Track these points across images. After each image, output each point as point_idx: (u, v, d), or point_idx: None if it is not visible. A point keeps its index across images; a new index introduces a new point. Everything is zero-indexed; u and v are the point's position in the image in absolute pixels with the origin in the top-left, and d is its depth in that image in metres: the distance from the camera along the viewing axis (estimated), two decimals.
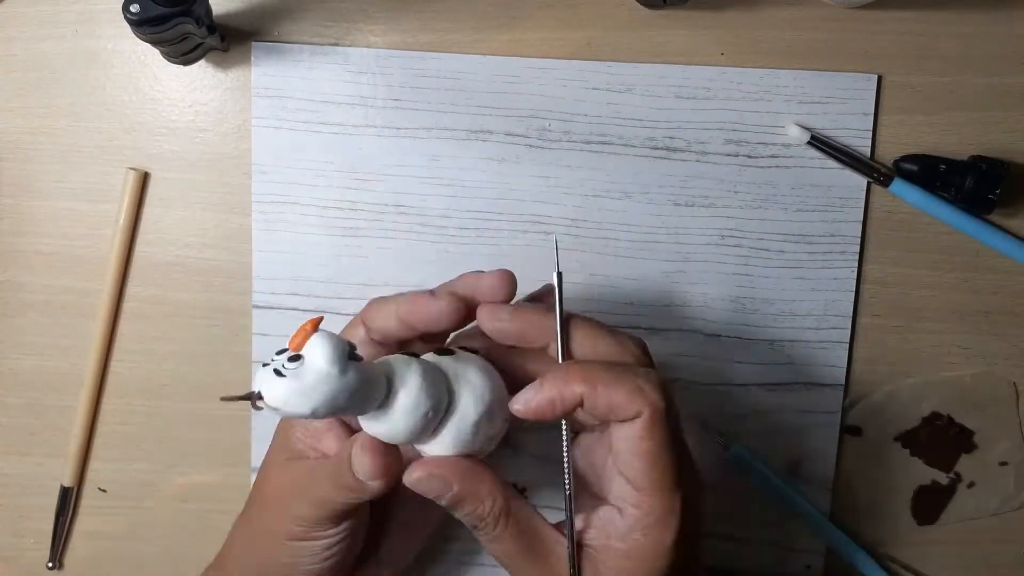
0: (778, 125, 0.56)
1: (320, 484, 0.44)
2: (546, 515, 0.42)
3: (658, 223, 0.56)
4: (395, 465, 0.41)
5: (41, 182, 0.55)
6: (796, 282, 0.57)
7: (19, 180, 0.55)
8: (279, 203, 0.56)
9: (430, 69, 0.55)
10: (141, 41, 0.50)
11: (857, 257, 0.57)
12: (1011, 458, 0.59)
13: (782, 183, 0.56)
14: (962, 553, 0.60)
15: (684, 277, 0.57)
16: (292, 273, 0.56)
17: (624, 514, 0.41)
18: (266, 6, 0.55)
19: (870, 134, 0.56)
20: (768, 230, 0.57)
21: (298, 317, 0.56)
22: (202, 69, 0.55)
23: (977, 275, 0.58)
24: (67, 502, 0.57)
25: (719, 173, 0.56)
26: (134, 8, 0.46)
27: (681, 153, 0.56)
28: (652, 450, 0.40)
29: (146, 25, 0.47)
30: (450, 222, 0.56)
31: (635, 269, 0.57)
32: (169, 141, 0.56)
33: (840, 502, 0.59)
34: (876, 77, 0.56)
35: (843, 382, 0.58)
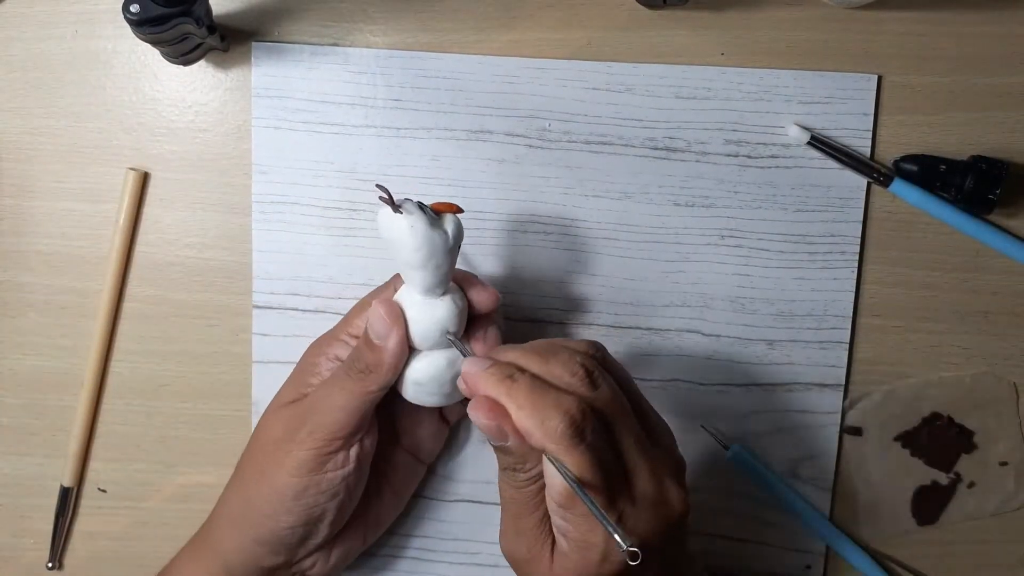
0: (778, 125, 0.56)
1: (333, 395, 0.47)
2: None
3: (658, 223, 0.56)
4: (402, 320, 0.46)
5: (41, 182, 0.56)
6: (796, 282, 0.57)
7: (19, 180, 0.56)
8: (279, 203, 0.56)
9: (430, 69, 0.55)
10: (141, 41, 0.50)
11: (857, 257, 0.57)
12: (1011, 458, 0.59)
13: (782, 183, 0.56)
14: (962, 553, 0.60)
15: (684, 277, 0.57)
16: (292, 273, 0.56)
17: (560, 519, 0.43)
18: (266, 6, 0.55)
19: (870, 134, 0.56)
20: (768, 230, 0.57)
21: (298, 317, 0.56)
22: (202, 69, 0.55)
23: (977, 275, 0.58)
24: (67, 502, 0.57)
25: (719, 173, 0.56)
26: (134, 8, 0.46)
27: (681, 153, 0.56)
28: (559, 486, 0.42)
29: (146, 25, 0.47)
30: None
31: (635, 269, 0.57)
32: (169, 141, 0.56)
33: (840, 502, 0.59)
34: (876, 77, 0.56)
35: (843, 382, 0.58)
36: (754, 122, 0.56)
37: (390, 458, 0.53)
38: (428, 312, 0.47)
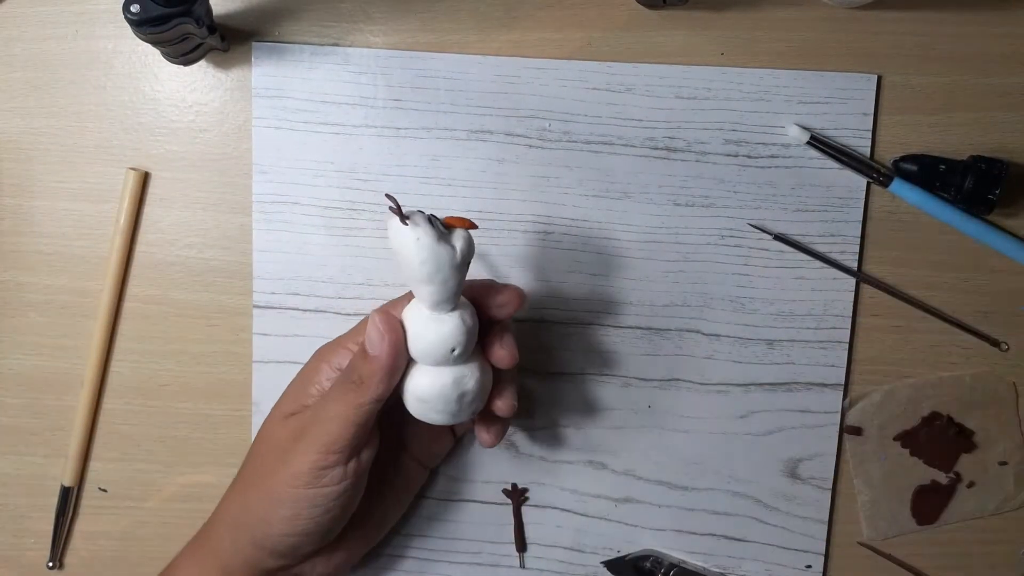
0: (778, 125, 0.56)
1: (329, 407, 0.46)
2: (547, 515, 0.42)
3: (658, 223, 0.56)
4: (398, 330, 0.46)
5: (42, 182, 0.56)
6: (796, 282, 0.57)
7: (20, 180, 0.56)
8: (279, 203, 0.56)
9: (430, 69, 0.55)
10: (141, 41, 0.50)
11: (857, 257, 0.57)
12: (1011, 458, 0.59)
13: (782, 183, 0.56)
14: (962, 553, 0.60)
15: (684, 277, 0.57)
16: (292, 273, 0.56)
17: None
18: (266, 6, 0.55)
19: (870, 134, 0.56)
20: (768, 230, 0.57)
21: (298, 317, 0.56)
22: (202, 69, 0.55)
23: (977, 275, 0.58)
24: (67, 502, 0.57)
25: (719, 173, 0.56)
26: (134, 8, 0.46)
27: (681, 153, 0.56)
28: None
29: (146, 25, 0.47)
30: None
31: (635, 269, 0.57)
32: (169, 141, 0.56)
33: (840, 502, 0.59)
34: (876, 77, 0.56)
35: (843, 382, 0.58)
36: (754, 122, 0.56)
37: (395, 464, 0.53)
38: (434, 328, 0.46)
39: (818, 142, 0.55)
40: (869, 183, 0.56)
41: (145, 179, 0.56)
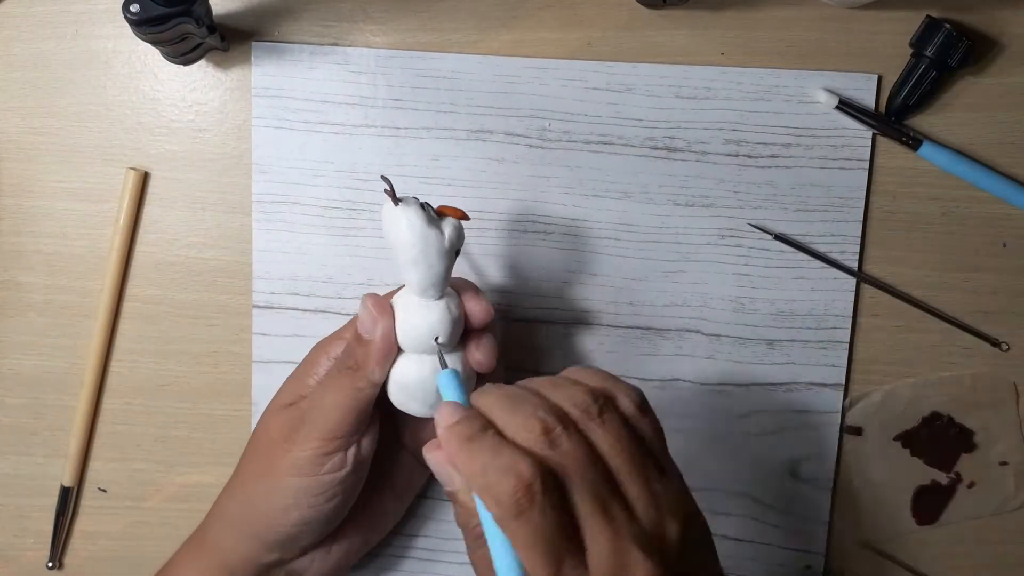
0: (779, 125, 0.56)
1: (327, 394, 0.47)
2: None
3: (658, 223, 0.56)
4: (389, 313, 0.46)
5: (41, 182, 0.56)
6: (796, 282, 0.57)
7: (19, 180, 0.56)
8: (279, 203, 0.56)
9: (430, 69, 0.55)
10: (141, 41, 0.50)
11: (857, 257, 0.57)
12: (1011, 458, 0.59)
13: (782, 183, 0.56)
14: (962, 553, 0.60)
15: (684, 277, 0.57)
16: (292, 273, 0.56)
17: None
18: (266, 6, 0.55)
19: (871, 133, 0.56)
20: (768, 229, 0.57)
21: (298, 317, 0.56)
22: (202, 69, 0.55)
23: (978, 275, 0.58)
24: (67, 502, 0.57)
25: (719, 173, 0.56)
26: (134, 8, 0.46)
27: (681, 153, 0.56)
28: (512, 539, 0.39)
29: (146, 25, 0.47)
30: None
31: (635, 269, 0.57)
32: (169, 141, 0.56)
33: (840, 502, 0.59)
34: (876, 77, 0.56)
35: (843, 382, 0.58)
36: (754, 122, 0.56)
37: (393, 458, 0.53)
38: (420, 314, 0.46)
39: (846, 106, 0.55)
40: (870, 183, 0.56)
41: (145, 179, 0.56)
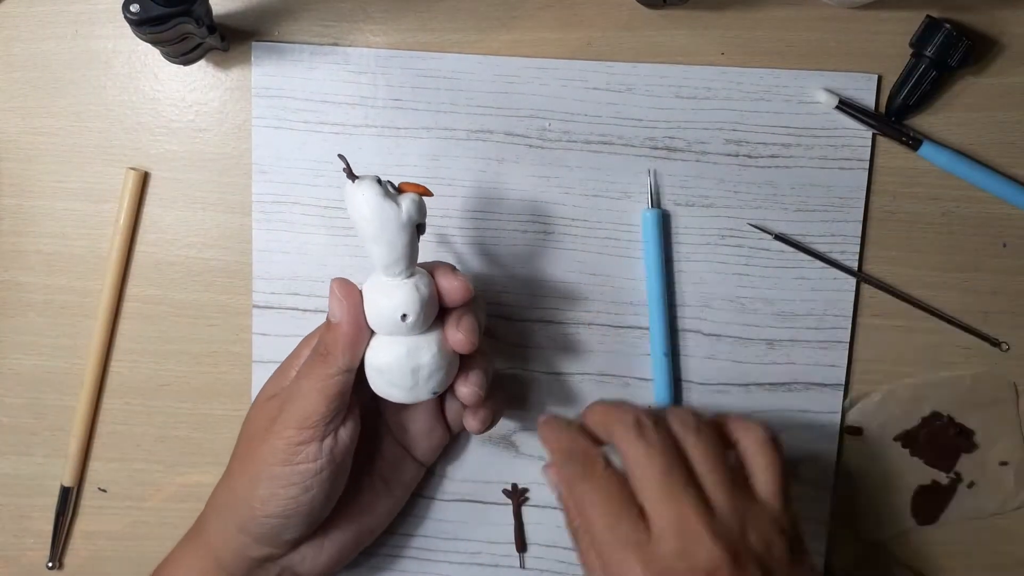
0: (779, 125, 0.56)
1: (302, 382, 0.47)
2: (547, 515, 0.42)
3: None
4: (355, 295, 0.47)
5: (41, 182, 0.56)
6: (796, 282, 0.57)
7: (19, 180, 0.56)
8: (279, 203, 0.56)
9: (430, 69, 0.55)
10: (141, 41, 0.50)
11: (857, 257, 0.57)
12: (1011, 458, 0.59)
13: (782, 183, 0.56)
14: (962, 553, 0.60)
15: (684, 277, 0.57)
16: (292, 273, 0.56)
17: None
18: (266, 6, 0.55)
19: (870, 133, 0.56)
20: (768, 229, 0.57)
21: (298, 317, 0.56)
22: (202, 69, 0.55)
23: (978, 275, 0.58)
24: (67, 502, 0.57)
25: (719, 173, 0.56)
26: (134, 8, 0.46)
27: (681, 153, 0.56)
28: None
29: (146, 25, 0.47)
30: (450, 222, 0.56)
31: (635, 269, 0.57)
32: (169, 141, 0.56)
33: (840, 502, 0.59)
34: (876, 77, 0.56)
35: (843, 382, 0.58)
36: (754, 122, 0.56)
37: (380, 451, 0.53)
38: (386, 293, 0.46)
39: (846, 106, 0.55)
40: (870, 182, 0.56)
41: (145, 179, 0.56)
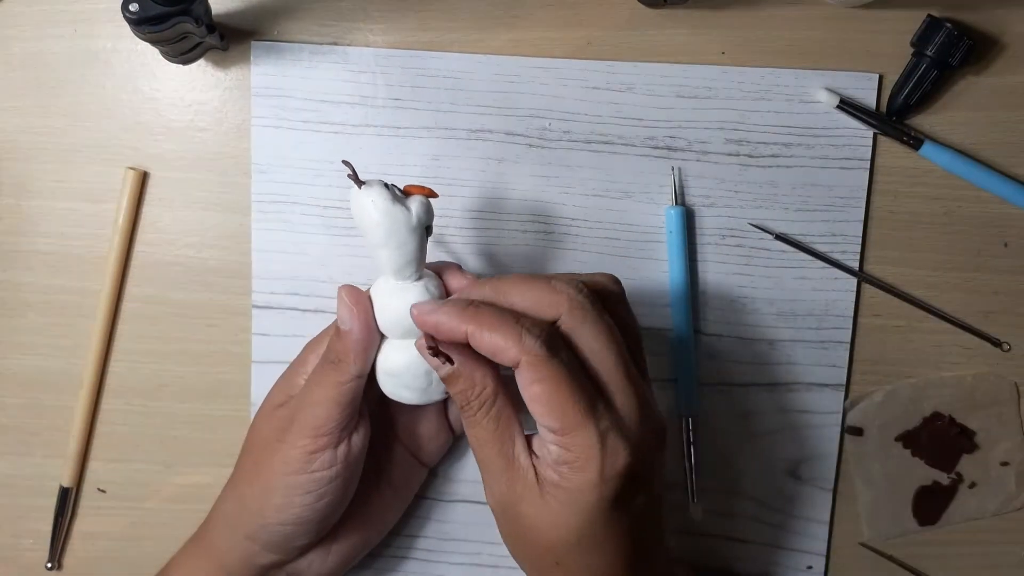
0: (779, 124, 0.56)
1: (313, 390, 0.47)
2: None
3: (658, 223, 0.56)
4: (365, 303, 0.46)
5: (40, 182, 0.55)
6: (797, 282, 0.57)
7: (18, 180, 0.55)
8: (279, 203, 0.56)
9: (430, 68, 0.55)
10: (140, 40, 0.50)
11: (858, 257, 0.57)
12: (1012, 458, 0.59)
13: (783, 183, 0.56)
14: (963, 554, 0.60)
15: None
16: (292, 273, 0.56)
17: (550, 448, 0.42)
18: (265, 5, 0.55)
19: (871, 132, 0.56)
20: (768, 229, 0.56)
21: (298, 317, 0.56)
22: (201, 68, 0.55)
23: (979, 275, 0.58)
24: (66, 502, 0.57)
25: (720, 173, 0.56)
26: (133, 7, 0.46)
27: (681, 153, 0.56)
28: (542, 395, 0.41)
29: (145, 24, 0.47)
30: (450, 222, 0.56)
31: (635, 269, 0.57)
32: (168, 140, 0.55)
33: (841, 502, 0.59)
34: (877, 76, 0.56)
35: (844, 382, 0.58)
36: (755, 121, 0.56)
37: (388, 454, 0.53)
38: (398, 297, 0.46)
39: (847, 106, 0.55)
40: (871, 182, 0.56)
41: (144, 179, 0.56)
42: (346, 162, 0.45)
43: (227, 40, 0.54)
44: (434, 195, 0.46)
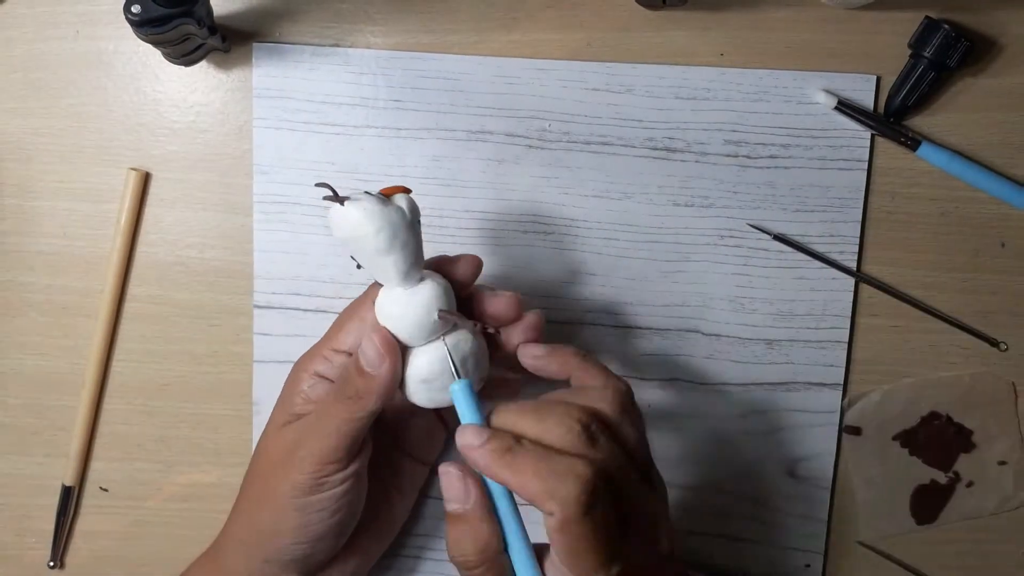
0: (778, 125, 0.56)
1: (324, 420, 0.46)
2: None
3: (658, 223, 0.57)
4: (396, 350, 0.45)
5: (43, 182, 0.56)
6: (795, 282, 0.57)
7: (21, 180, 0.56)
8: (280, 203, 0.56)
9: (431, 70, 0.55)
10: (142, 42, 0.50)
11: (856, 257, 0.57)
12: (1010, 457, 0.59)
13: (781, 183, 0.56)
14: (961, 552, 0.60)
15: (684, 277, 0.57)
16: (293, 273, 0.56)
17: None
18: (267, 7, 0.55)
19: (870, 133, 0.56)
20: (767, 229, 0.57)
21: (299, 317, 0.56)
22: (203, 70, 0.55)
23: (976, 275, 0.58)
24: (68, 502, 0.57)
25: (719, 173, 0.56)
26: (135, 9, 0.46)
27: (681, 153, 0.56)
28: (568, 545, 0.41)
29: (147, 26, 0.47)
30: (450, 223, 0.56)
31: (635, 269, 0.57)
32: (170, 141, 0.56)
33: (839, 501, 0.59)
34: (875, 78, 0.56)
35: (842, 382, 0.58)
36: (754, 122, 0.56)
37: (394, 465, 0.53)
38: (414, 300, 0.45)
39: (845, 107, 0.55)
40: (869, 182, 0.57)
41: (146, 179, 0.56)
42: (322, 183, 0.43)
43: (229, 42, 0.54)
44: (407, 191, 0.45)
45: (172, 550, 0.56)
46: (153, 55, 0.55)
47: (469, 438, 0.43)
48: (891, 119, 0.56)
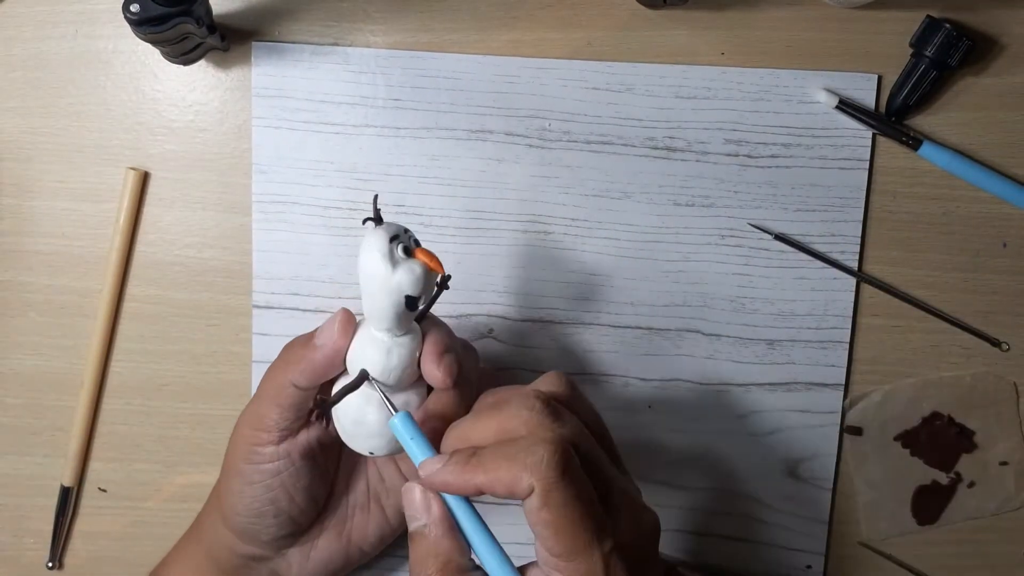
0: (778, 125, 0.56)
1: (262, 385, 0.47)
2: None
3: (658, 223, 0.56)
4: (348, 340, 0.45)
5: (41, 182, 0.56)
6: (796, 282, 0.57)
7: (19, 180, 0.56)
8: (279, 203, 0.56)
9: (430, 69, 0.55)
10: (141, 41, 0.50)
11: (857, 257, 0.57)
12: (1011, 458, 0.59)
13: (782, 183, 0.56)
14: (962, 553, 0.60)
15: (684, 277, 0.57)
16: (292, 273, 0.56)
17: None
18: (266, 6, 0.55)
19: (870, 132, 0.56)
20: (768, 229, 0.57)
21: (298, 317, 0.56)
22: (202, 69, 0.55)
23: (978, 275, 0.58)
24: (67, 502, 0.57)
25: (719, 173, 0.56)
26: (134, 8, 0.46)
27: (681, 153, 0.56)
28: (553, 519, 0.40)
29: (146, 25, 0.47)
30: (450, 222, 0.56)
31: (635, 269, 0.57)
32: (169, 141, 0.56)
33: (840, 502, 0.59)
34: (876, 77, 0.56)
35: (843, 382, 0.58)
36: (754, 122, 0.56)
37: (364, 469, 0.52)
38: (371, 347, 0.44)
39: (846, 106, 0.55)
40: (870, 182, 0.56)
41: (145, 179, 0.56)
42: (376, 197, 0.45)
43: (228, 41, 0.54)
44: (438, 269, 0.43)
45: None
46: (152, 54, 0.55)
47: (430, 467, 0.42)
48: (892, 118, 0.56)
